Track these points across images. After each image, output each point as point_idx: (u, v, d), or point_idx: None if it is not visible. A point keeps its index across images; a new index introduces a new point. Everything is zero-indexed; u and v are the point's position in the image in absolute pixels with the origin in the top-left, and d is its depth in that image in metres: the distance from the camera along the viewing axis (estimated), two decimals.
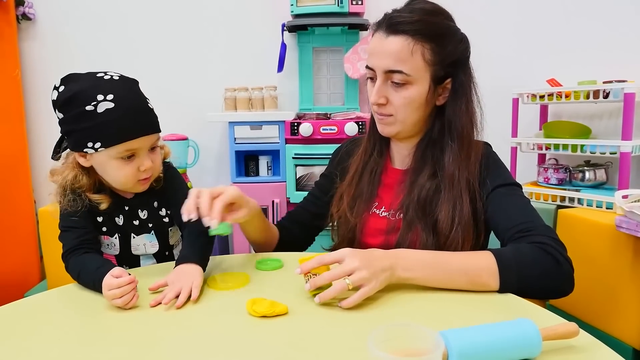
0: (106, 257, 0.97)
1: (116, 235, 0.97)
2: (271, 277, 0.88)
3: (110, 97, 0.84)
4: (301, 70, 2.13)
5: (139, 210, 0.98)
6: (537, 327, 0.57)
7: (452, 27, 0.90)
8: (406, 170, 0.97)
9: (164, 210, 1.00)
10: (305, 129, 1.86)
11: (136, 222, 0.97)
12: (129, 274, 0.76)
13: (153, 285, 0.80)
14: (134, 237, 0.98)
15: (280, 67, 2.08)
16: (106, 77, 0.88)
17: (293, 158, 1.90)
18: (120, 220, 0.96)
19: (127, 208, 0.97)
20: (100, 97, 0.84)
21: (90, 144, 0.85)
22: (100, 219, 0.95)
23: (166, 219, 1.00)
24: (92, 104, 0.83)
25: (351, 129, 1.85)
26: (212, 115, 1.98)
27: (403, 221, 0.91)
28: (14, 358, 0.62)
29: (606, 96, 1.60)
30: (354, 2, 1.95)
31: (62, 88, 0.87)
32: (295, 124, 1.89)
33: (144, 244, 0.99)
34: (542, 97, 1.77)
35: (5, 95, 2.05)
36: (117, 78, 0.89)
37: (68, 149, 0.92)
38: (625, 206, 1.29)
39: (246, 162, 2.05)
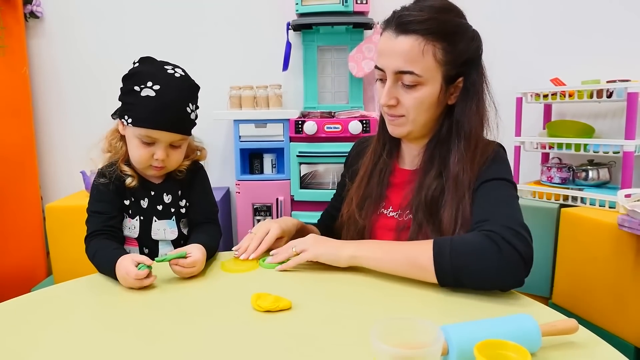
0: (127, 239, 1.04)
1: (137, 217, 1.02)
2: (276, 273, 0.89)
3: (156, 87, 0.94)
4: (306, 69, 2.13)
5: (164, 194, 1.04)
6: (536, 322, 0.58)
7: (464, 25, 0.87)
8: (415, 171, 0.96)
9: (184, 201, 1.07)
10: (310, 127, 1.87)
11: (160, 207, 1.04)
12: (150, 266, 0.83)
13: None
14: (155, 221, 1.03)
15: (285, 65, 2.09)
16: (169, 71, 0.97)
17: (297, 156, 1.90)
18: (144, 203, 1.03)
19: (153, 193, 1.04)
20: (149, 83, 0.94)
21: (126, 117, 0.97)
22: (127, 202, 1.02)
23: (183, 210, 1.07)
24: (141, 86, 0.94)
25: (355, 127, 1.85)
26: (217, 113, 1.99)
27: (413, 222, 0.90)
28: (23, 350, 0.63)
29: (610, 95, 1.60)
30: (359, 1, 1.95)
31: (135, 65, 0.99)
32: (300, 122, 1.90)
33: (164, 229, 1.04)
34: (545, 96, 1.77)
35: (14, 92, 2.07)
36: (178, 76, 0.98)
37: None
38: (627, 205, 1.30)
39: (251, 160, 2.06)
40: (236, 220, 2.08)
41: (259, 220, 2.01)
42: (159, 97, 0.93)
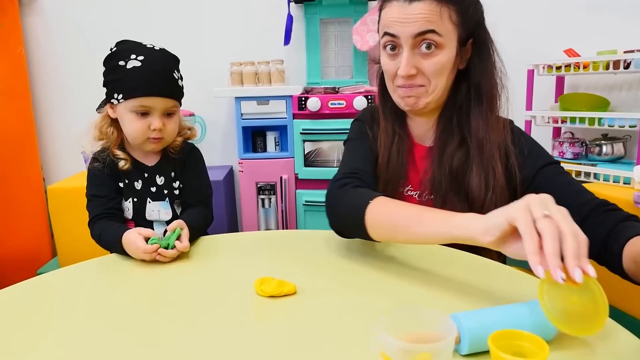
0: None
1: (130, 199, 1.04)
2: (280, 256, 0.86)
3: (140, 58, 0.97)
4: (308, 43, 2.07)
5: (157, 176, 1.06)
6: None
7: None
8: (431, 147, 0.92)
9: (177, 182, 1.08)
10: (313, 103, 1.82)
11: (153, 189, 1.05)
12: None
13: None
14: (149, 202, 1.05)
15: (287, 40, 2.02)
16: (148, 46, 1.01)
17: (301, 133, 1.86)
18: (138, 185, 1.05)
19: (146, 175, 1.05)
20: (133, 56, 0.97)
21: (115, 95, 0.98)
22: (121, 185, 1.04)
23: (176, 192, 1.08)
24: (125, 60, 0.97)
25: (360, 103, 1.80)
26: (218, 90, 1.94)
27: (437, 197, 0.88)
28: (31, 335, 0.62)
29: (627, 67, 1.53)
30: None
31: (113, 49, 1.01)
32: (303, 98, 1.85)
33: (159, 210, 1.06)
34: (558, 68, 1.70)
35: (10, 73, 2.03)
36: (158, 49, 1.02)
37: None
38: None
39: (253, 138, 2.02)
40: (240, 199, 2.05)
41: (262, 200, 1.99)
42: (145, 65, 0.97)
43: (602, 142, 1.65)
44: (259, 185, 1.97)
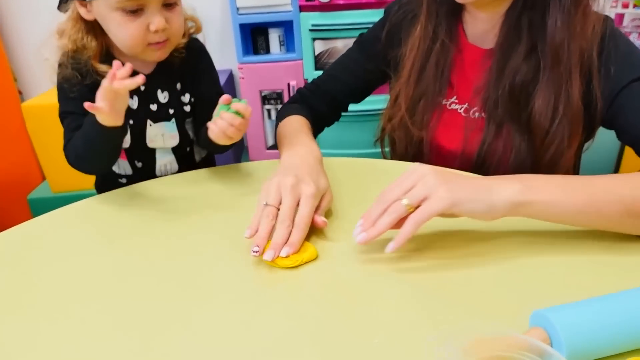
0: None
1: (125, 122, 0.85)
2: None
3: None
4: None
5: (159, 90, 0.84)
6: None
7: None
8: (490, 51, 0.73)
9: (187, 95, 0.86)
10: None
11: (154, 107, 0.84)
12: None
13: None
14: (150, 125, 0.84)
15: None
16: None
17: (310, 30, 1.67)
18: (134, 103, 0.82)
19: (143, 88, 0.81)
20: None
21: None
22: None
23: (187, 107, 0.87)
24: None
25: None
26: None
27: (489, 122, 0.72)
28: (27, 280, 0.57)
29: None
30: None
31: None
32: None
33: (162, 134, 0.85)
34: None
35: None
36: None
37: None
38: None
39: (254, 38, 1.82)
40: None
41: (269, 111, 1.79)
42: None
43: None
44: (263, 94, 1.82)
